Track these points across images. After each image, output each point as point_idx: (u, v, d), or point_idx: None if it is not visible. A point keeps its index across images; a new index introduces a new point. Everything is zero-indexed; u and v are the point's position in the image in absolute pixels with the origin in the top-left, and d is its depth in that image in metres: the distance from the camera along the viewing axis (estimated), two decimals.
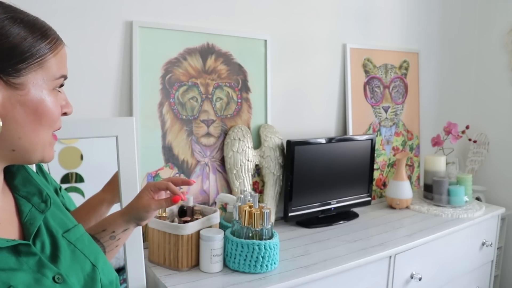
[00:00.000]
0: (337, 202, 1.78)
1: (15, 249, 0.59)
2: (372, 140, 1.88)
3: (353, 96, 1.96)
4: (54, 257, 0.64)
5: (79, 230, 0.72)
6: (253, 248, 1.22)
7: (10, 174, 0.68)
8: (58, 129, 0.66)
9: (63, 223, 0.71)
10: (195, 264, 1.27)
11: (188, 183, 0.93)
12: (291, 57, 1.78)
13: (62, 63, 0.64)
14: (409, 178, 2.21)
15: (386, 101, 2.10)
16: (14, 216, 0.65)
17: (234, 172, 1.57)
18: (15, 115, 0.58)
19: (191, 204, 1.37)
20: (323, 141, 1.71)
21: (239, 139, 1.57)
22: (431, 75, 2.35)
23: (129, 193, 1.18)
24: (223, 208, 1.55)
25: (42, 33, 0.60)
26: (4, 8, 0.58)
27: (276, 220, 1.70)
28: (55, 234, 0.67)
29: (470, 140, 2.33)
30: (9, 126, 0.58)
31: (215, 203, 1.56)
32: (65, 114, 0.67)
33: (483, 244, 1.91)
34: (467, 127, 2.19)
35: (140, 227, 1.18)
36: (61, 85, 0.65)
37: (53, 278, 0.61)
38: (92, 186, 1.17)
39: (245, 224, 1.26)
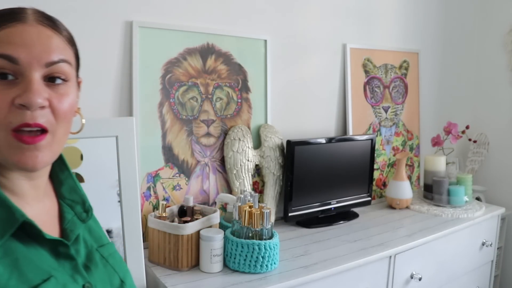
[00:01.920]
0: (337, 202, 1.78)
1: (55, 250, 0.59)
2: (372, 140, 1.88)
3: (353, 96, 1.96)
4: (86, 268, 0.65)
5: (111, 247, 0.73)
6: (253, 248, 1.22)
7: (59, 181, 0.69)
8: (23, 125, 0.54)
9: (99, 237, 0.72)
10: (195, 264, 1.27)
11: None
12: (291, 57, 1.78)
13: (0, 42, 0.54)
14: (409, 178, 2.21)
15: (386, 101, 2.10)
16: (56, 221, 0.66)
17: (234, 172, 1.57)
18: None
19: (191, 204, 1.37)
20: (323, 141, 1.71)
21: (239, 139, 1.57)
22: (431, 75, 2.35)
23: (129, 193, 1.18)
24: (223, 208, 1.55)
25: None
26: None
27: (276, 220, 1.70)
28: (89, 247, 0.68)
29: (470, 140, 2.33)
30: None
31: (215, 203, 1.56)
32: (23, 106, 0.54)
33: (483, 244, 1.91)
34: (467, 127, 2.19)
35: (140, 227, 1.19)
36: (2, 73, 0.54)
37: (83, 286, 0.61)
38: (92, 186, 1.17)
39: (245, 224, 1.26)
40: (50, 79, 0.57)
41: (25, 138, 0.54)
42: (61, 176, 0.69)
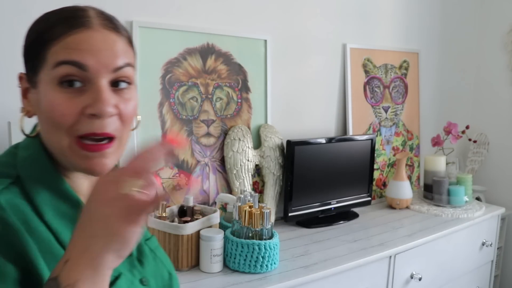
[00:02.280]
0: (337, 202, 1.78)
1: None
2: (372, 140, 1.88)
3: (353, 96, 1.96)
4: (139, 262, 0.65)
5: (155, 240, 0.73)
6: (253, 248, 1.22)
7: None
8: (90, 134, 0.54)
9: (144, 231, 0.72)
10: (195, 264, 1.27)
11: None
12: (291, 57, 1.78)
13: (66, 49, 0.53)
14: (409, 178, 2.21)
15: (386, 101, 2.10)
16: None
17: (234, 172, 1.57)
18: (38, 115, 0.57)
19: (191, 204, 1.37)
20: (323, 141, 1.71)
21: (239, 139, 1.57)
22: (431, 75, 2.35)
23: None
24: (223, 208, 1.55)
25: (48, 25, 0.55)
26: (41, 16, 0.58)
27: (276, 220, 1.70)
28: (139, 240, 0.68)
29: (470, 140, 2.33)
30: (40, 126, 0.58)
31: (215, 203, 1.56)
32: (93, 116, 0.54)
33: (483, 244, 1.91)
34: (467, 127, 2.19)
35: None
36: (70, 81, 0.54)
37: (141, 280, 0.62)
38: None
39: (245, 224, 1.26)
40: (115, 83, 0.57)
41: (91, 147, 0.55)
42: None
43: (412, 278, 1.56)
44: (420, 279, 1.56)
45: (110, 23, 0.59)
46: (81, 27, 0.55)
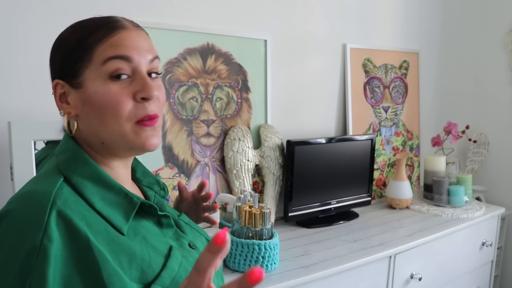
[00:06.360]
0: (337, 202, 1.78)
1: (159, 222, 0.68)
2: (372, 140, 1.88)
3: (353, 96, 1.96)
4: (182, 232, 0.73)
5: (185, 217, 0.79)
6: (253, 248, 1.22)
7: (132, 169, 0.75)
8: (146, 117, 0.62)
9: (173, 210, 0.80)
10: None
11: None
12: (291, 57, 1.78)
13: (112, 47, 0.61)
14: (409, 178, 2.21)
15: (386, 101, 2.10)
16: None
17: (234, 172, 1.57)
18: (85, 112, 0.62)
19: None
20: (323, 141, 1.71)
21: (239, 139, 1.57)
22: (431, 75, 2.35)
23: None
24: (223, 208, 1.55)
25: (88, 32, 0.62)
26: (72, 27, 0.64)
27: (276, 220, 1.70)
28: (173, 216, 0.74)
29: (470, 140, 2.33)
30: (86, 123, 0.63)
31: (215, 203, 1.56)
32: (144, 99, 0.62)
33: (483, 244, 1.91)
34: (467, 127, 2.19)
35: None
36: (118, 75, 0.61)
37: (189, 245, 0.69)
38: None
39: (245, 224, 1.25)
40: (148, 74, 0.65)
41: (147, 123, 0.63)
42: (133, 163, 0.76)
43: (412, 278, 1.56)
44: (420, 279, 1.56)
45: (138, 26, 0.67)
46: (120, 28, 0.63)
